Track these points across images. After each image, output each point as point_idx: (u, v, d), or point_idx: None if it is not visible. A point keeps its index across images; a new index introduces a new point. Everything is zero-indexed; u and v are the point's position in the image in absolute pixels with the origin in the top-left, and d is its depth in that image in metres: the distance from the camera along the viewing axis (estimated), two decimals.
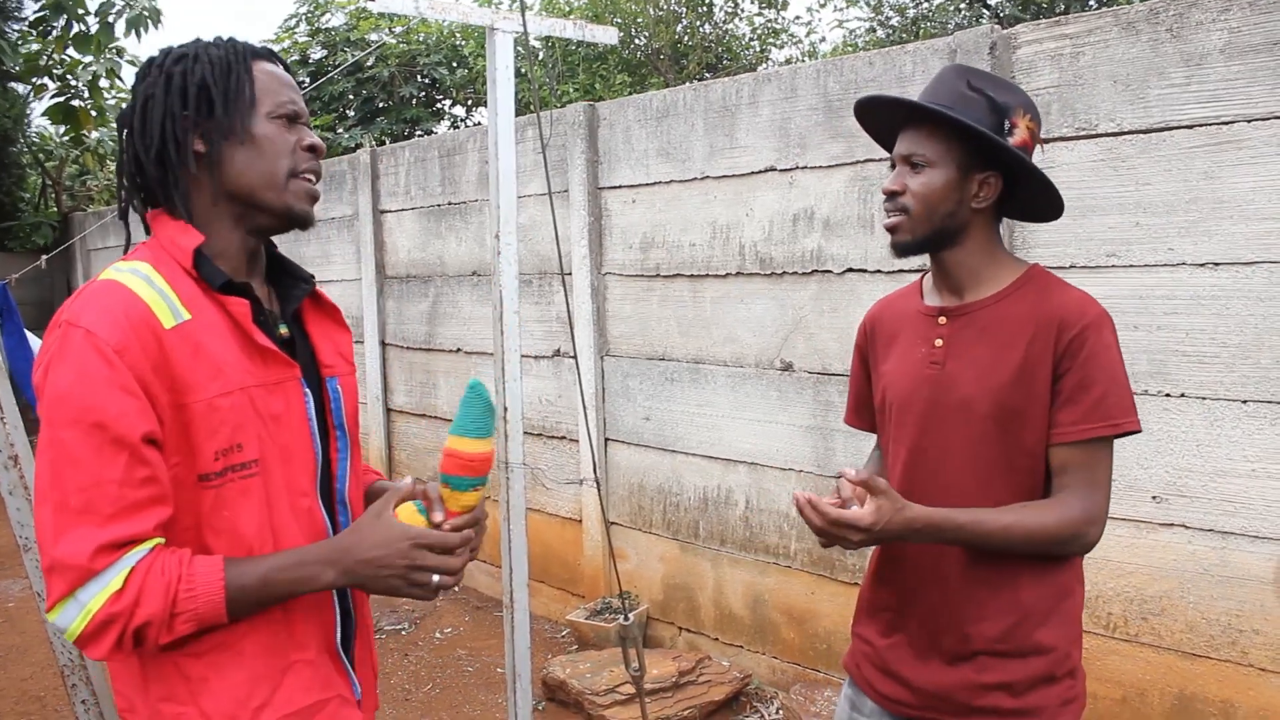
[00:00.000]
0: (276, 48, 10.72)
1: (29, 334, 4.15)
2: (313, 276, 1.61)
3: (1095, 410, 1.62)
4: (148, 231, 1.47)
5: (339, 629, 1.53)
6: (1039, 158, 1.73)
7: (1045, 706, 1.69)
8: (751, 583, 4.10)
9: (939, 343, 1.75)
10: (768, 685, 4.05)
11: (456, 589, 5.59)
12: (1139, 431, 1.66)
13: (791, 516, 3.91)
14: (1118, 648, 3.04)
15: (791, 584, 3.95)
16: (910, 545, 1.74)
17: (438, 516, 1.43)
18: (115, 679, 1.44)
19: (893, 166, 1.75)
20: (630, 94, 6.86)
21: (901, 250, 1.74)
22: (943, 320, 1.76)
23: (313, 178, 1.50)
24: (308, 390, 1.49)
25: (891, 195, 1.72)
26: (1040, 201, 1.77)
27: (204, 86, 1.42)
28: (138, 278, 1.36)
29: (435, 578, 1.40)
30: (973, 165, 1.69)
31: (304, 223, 1.51)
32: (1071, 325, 1.63)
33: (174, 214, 1.44)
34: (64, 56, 10.18)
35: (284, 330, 1.52)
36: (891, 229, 1.73)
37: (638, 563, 4.59)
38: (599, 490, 4.39)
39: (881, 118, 1.81)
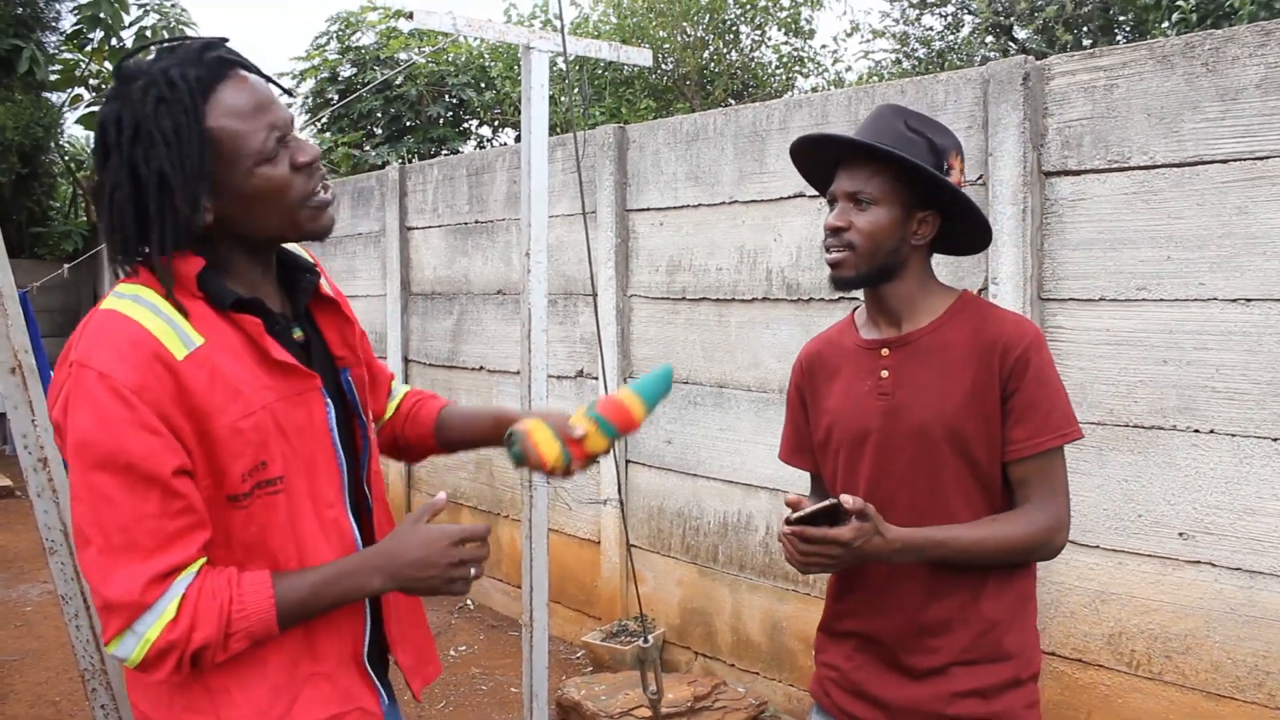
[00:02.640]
0: (305, 65, 10.81)
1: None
2: (314, 265, 1.58)
3: (1046, 424, 1.71)
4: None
5: (367, 639, 1.53)
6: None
7: (1013, 709, 1.75)
8: (770, 609, 4.08)
9: (885, 374, 1.80)
10: (784, 713, 4.01)
11: (471, 606, 5.59)
12: (1081, 437, 1.76)
13: None
14: (1140, 685, 3.01)
15: (810, 612, 3.92)
16: (871, 566, 1.78)
17: (574, 450, 1.56)
18: (132, 693, 1.44)
19: (831, 202, 1.79)
20: (656, 119, 6.91)
21: (843, 285, 1.79)
22: (885, 352, 1.81)
23: (321, 193, 1.43)
24: (329, 400, 1.49)
25: (836, 231, 1.76)
26: (971, 237, 1.85)
27: (166, 182, 1.30)
28: (141, 307, 1.33)
29: (473, 570, 1.45)
30: (915, 204, 1.75)
31: (322, 237, 1.46)
32: (1014, 347, 1.72)
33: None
34: (100, 68, 10.33)
35: (298, 334, 1.51)
36: (835, 264, 1.77)
37: (655, 586, 4.57)
38: (621, 512, 4.38)
39: (818, 152, 1.84)
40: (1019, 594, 1.79)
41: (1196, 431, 2.86)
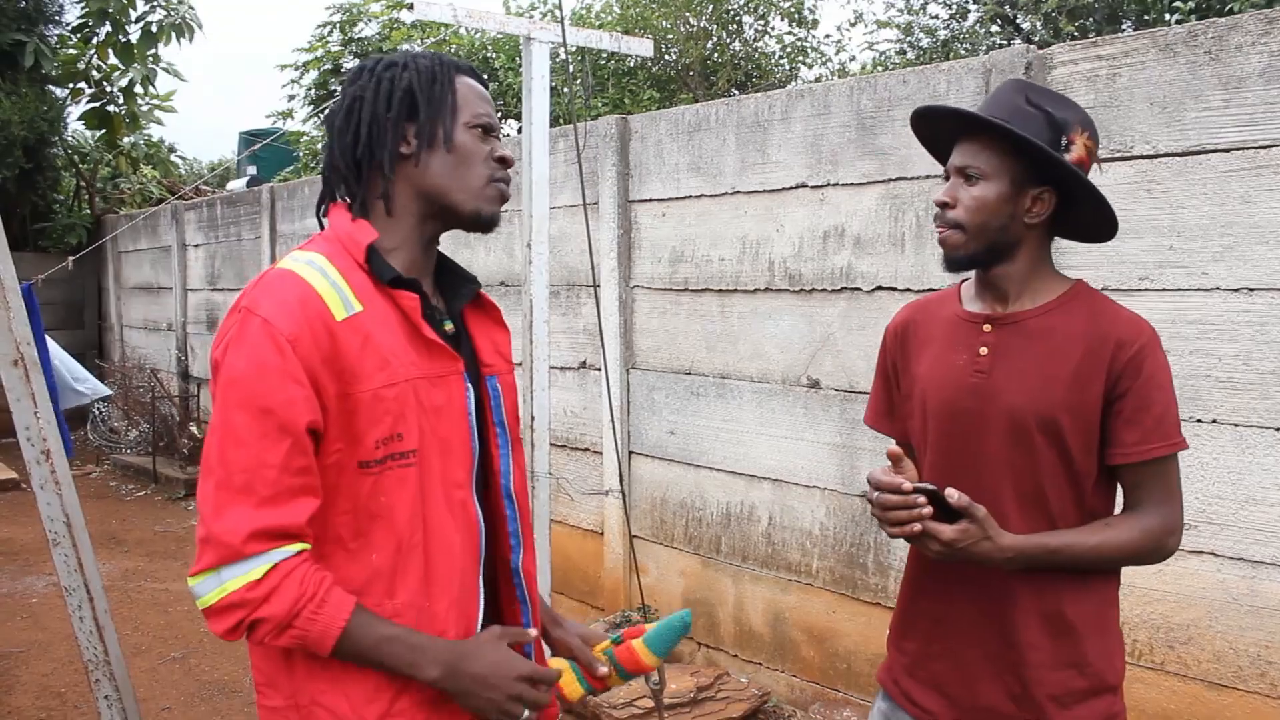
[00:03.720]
0: (307, 56, 10.84)
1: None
2: (477, 278, 1.67)
3: (1156, 430, 1.64)
4: (322, 225, 1.55)
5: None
6: (1095, 177, 1.70)
7: None
8: (772, 600, 4.09)
9: (984, 351, 1.73)
10: (786, 704, 4.02)
11: None
12: (1187, 449, 1.68)
13: (814, 534, 3.89)
14: (1143, 676, 3.01)
15: (812, 602, 3.93)
16: (947, 564, 1.72)
17: (596, 685, 1.69)
18: (255, 654, 1.49)
19: (947, 178, 1.74)
20: (659, 109, 6.89)
21: (955, 265, 1.73)
22: (988, 328, 1.74)
23: (504, 184, 1.58)
24: (469, 385, 1.54)
25: (943, 206, 1.71)
26: (1094, 221, 1.74)
27: (410, 92, 1.49)
28: (313, 269, 1.42)
29: (525, 712, 1.46)
30: (1027, 180, 1.67)
31: (490, 225, 1.58)
32: (1129, 344, 1.63)
33: (353, 210, 1.51)
34: (102, 63, 10.32)
35: (449, 326, 1.57)
36: (943, 243, 1.72)
37: (658, 576, 4.58)
38: (624, 503, 4.39)
39: (937, 129, 1.80)
40: (1103, 596, 1.72)
41: (1199, 421, 2.86)
